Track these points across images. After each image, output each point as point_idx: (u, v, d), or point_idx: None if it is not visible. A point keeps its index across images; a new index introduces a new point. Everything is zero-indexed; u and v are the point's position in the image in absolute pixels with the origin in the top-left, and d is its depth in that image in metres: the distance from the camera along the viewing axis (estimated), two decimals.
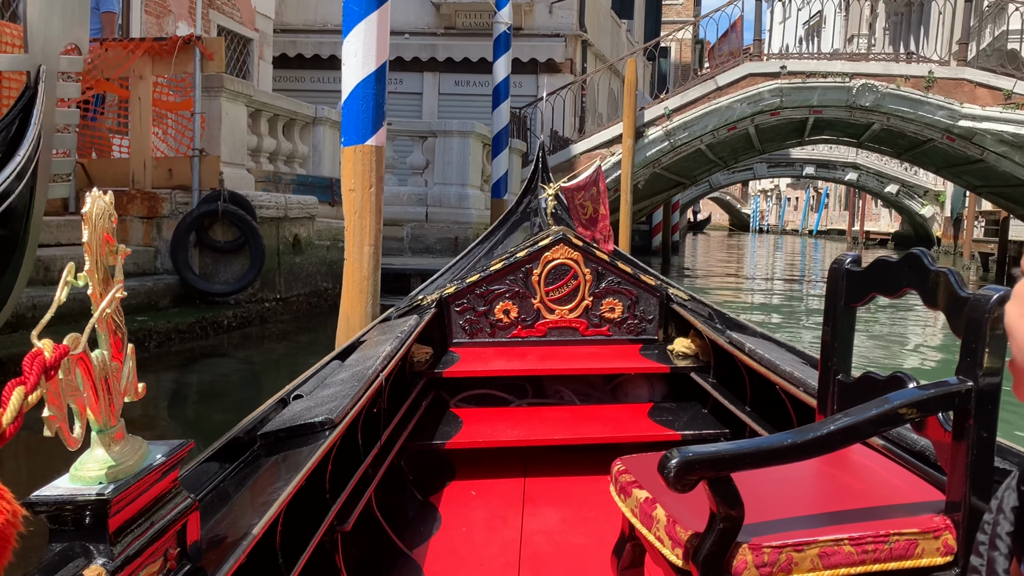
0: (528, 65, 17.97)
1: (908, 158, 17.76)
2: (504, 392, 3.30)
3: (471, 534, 2.46)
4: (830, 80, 13.81)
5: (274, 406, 2.05)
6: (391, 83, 17.62)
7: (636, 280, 3.43)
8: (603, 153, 14.66)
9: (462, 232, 11.67)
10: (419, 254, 11.68)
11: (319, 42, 18.69)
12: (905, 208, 37.23)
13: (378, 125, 3.74)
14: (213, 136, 8.37)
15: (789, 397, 2.31)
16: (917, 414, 1.41)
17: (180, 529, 1.16)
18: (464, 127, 11.74)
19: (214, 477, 1.60)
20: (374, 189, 3.74)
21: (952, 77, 13.45)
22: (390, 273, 9.80)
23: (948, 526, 1.45)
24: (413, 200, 11.85)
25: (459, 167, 11.74)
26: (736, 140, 16.35)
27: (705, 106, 14.19)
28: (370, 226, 3.74)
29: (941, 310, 1.49)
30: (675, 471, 1.27)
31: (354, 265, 3.76)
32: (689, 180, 19.53)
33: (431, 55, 18.23)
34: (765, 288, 18.26)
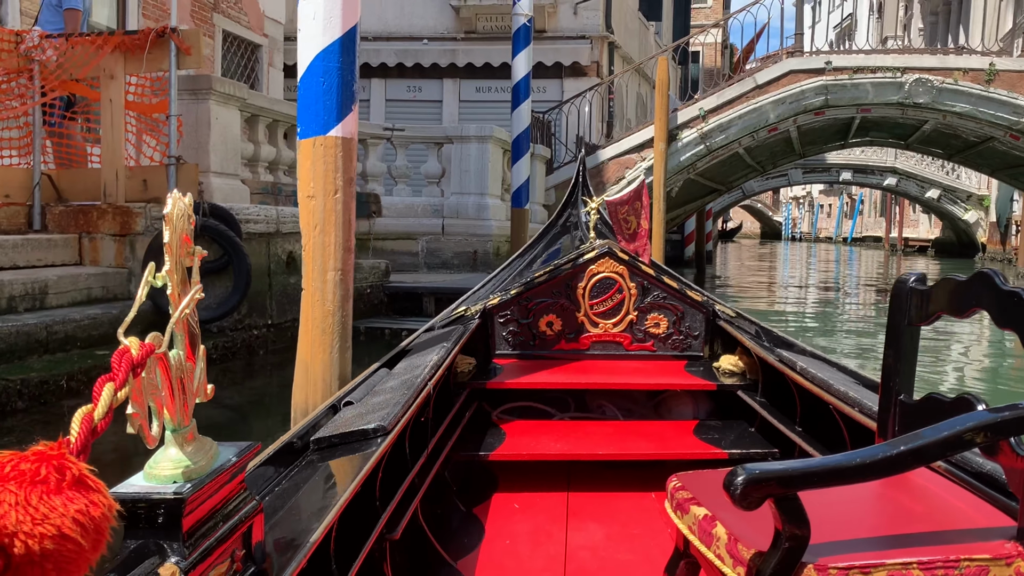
0: (552, 69, 17.16)
1: (960, 159, 16.59)
2: (546, 405, 3.24)
3: (515, 547, 2.43)
4: (879, 75, 12.73)
5: (325, 412, 2.08)
6: (409, 91, 16.84)
7: (682, 295, 3.38)
8: (633, 159, 13.69)
9: (481, 245, 10.73)
10: (435, 270, 10.75)
11: None
12: (947, 213, 35.85)
13: (345, 109, 2.81)
14: (201, 143, 7.51)
15: (843, 417, 2.26)
16: (989, 438, 1.36)
17: (247, 531, 1.15)
18: (482, 131, 10.82)
19: (271, 480, 1.61)
20: (341, 195, 2.80)
21: (1016, 69, 12.32)
22: (400, 292, 8.90)
23: (1020, 553, 1.39)
24: (428, 211, 10.93)
25: (477, 175, 10.82)
26: (776, 143, 15.29)
27: (743, 106, 13.17)
28: (336, 244, 2.80)
29: (1014, 330, 1.46)
30: (743, 488, 1.23)
31: (314, 297, 2.82)
32: (724, 186, 18.47)
33: (451, 60, 17.51)
34: (802, 299, 17.44)
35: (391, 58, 17.69)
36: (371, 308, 8.49)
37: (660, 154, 12.94)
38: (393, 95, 17.99)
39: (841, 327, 12.74)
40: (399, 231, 10.75)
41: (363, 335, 7.91)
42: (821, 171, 37.36)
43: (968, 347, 10.56)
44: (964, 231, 35.09)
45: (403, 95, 17.93)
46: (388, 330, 7.81)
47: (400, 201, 10.96)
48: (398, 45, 17.63)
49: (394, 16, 17.56)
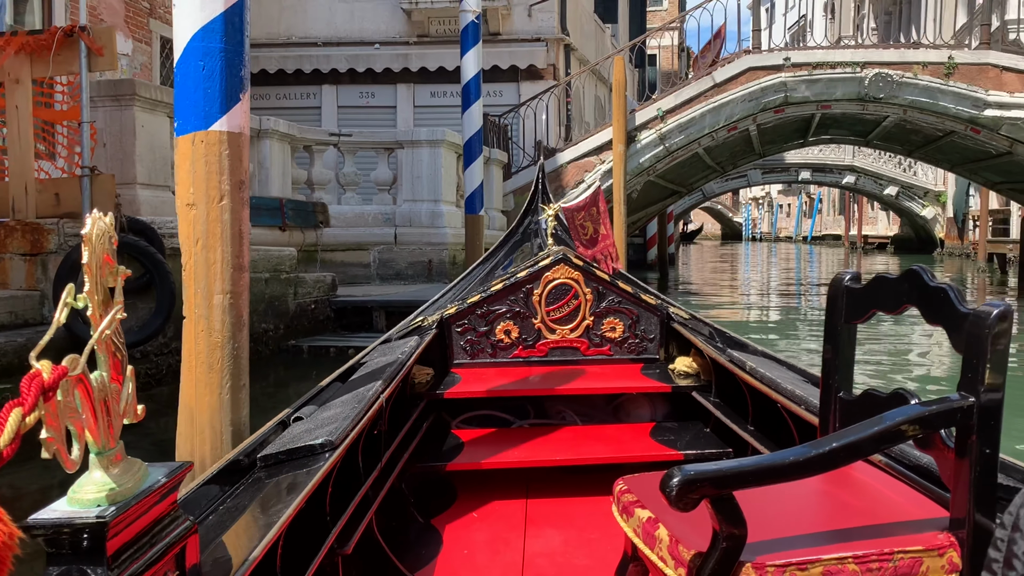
0: (508, 72, 16.79)
1: (920, 155, 16.45)
2: (505, 413, 3.25)
3: (473, 556, 2.43)
4: (839, 71, 12.49)
5: (274, 428, 2.05)
6: (362, 97, 16.30)
7: (636, 299, 3.42)
8: (592, 161, 13.31)
9: (436, 254, 10.27)
10: (388, 281, 10.26)
11: (284, 56, 17.45)
12: (905, 210, 36.14)
13: (232, 99, 2.33)
14: (127, 153, 6.97)
15: (791, 415, 2.30)
16: (920, 431, 1.40)
17: (179, 552, 1.14)
18: (434, 135, 10.36)
19: (214, 500, 1.59)
20: (228, 202, 2.32)
21: (975, 62, 12.14)
22: (348, 307, 8.38)
23: (953, 543, 1.42)
24: (380, 220, 10.44)
25: (430, 181, 10.35)
26: (736, 142, 15.02)
27: (702, 105, 12.86)
28: (223, 262, 2.32)
29: (942, 326, 1.47)
30: (677, 489, 1.25)
31: (198, 327, 2.32)
32: (685, 188, 18.19)
33: (404, 65, 17.03)
34: (765, 301, 17.45)
35: (342, 63, 17.22)
36: (316, 325, 7.98)
37: (619, 156, 12.57)
38: (345, 101, 17.52)
39: (803, 326, 12.81)
40: (349, 242, 10.25)
41: (307, 354, 7.40)
42: (780, 171, 37.45)
43: (907, 343, 10.75)
44: (922, 227, 35.35)
45: (355, 101, 17.45)
46: (334, 348, 7.30)
47: (349, 210, 10.46)
48: (349, 50, 17.16)
49: (344, 21, 17.07)
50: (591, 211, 3.94)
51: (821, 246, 50.57)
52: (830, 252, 42.06)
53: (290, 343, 7.44)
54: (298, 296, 7.73)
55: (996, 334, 1.35)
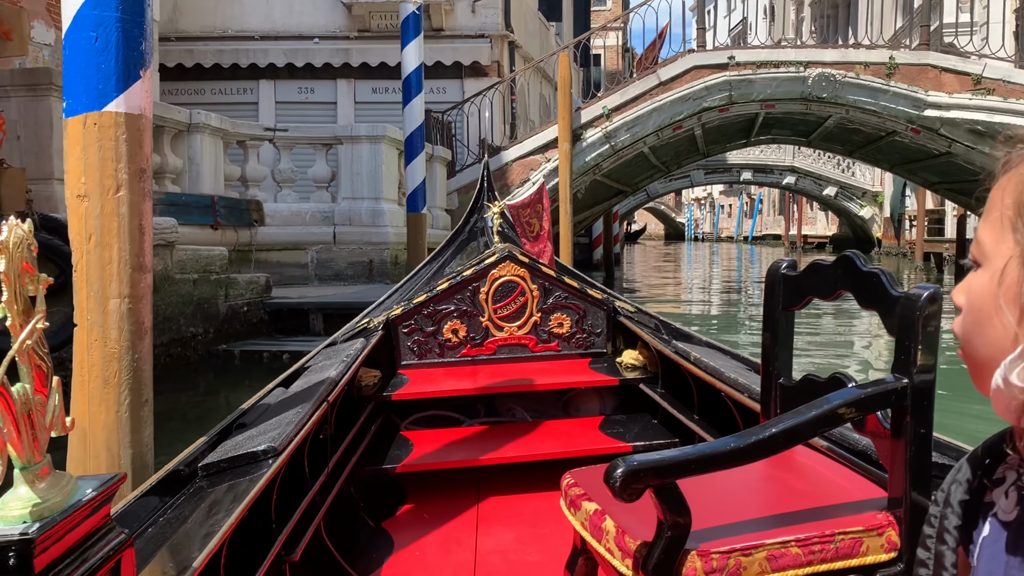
0: (452, 69, 16.52)
1: (861, 156, 16.64)
2: (455, 412, 3.24)
3: (425, 557, 2.42)
4: (783, 70, 12.50)
5: (215, 436, 2.00)
6: (301, 93, 15.83)
7: (583, 294, 3.42)
8: (538, 159, 13.11)
9: (378, 254, 9.94)
10: (327, 282, 9.90)
11: (219, 50, 16.89)
12: (844, 210, 36.79)
13: (131, 75, 2.03)
14: (43, 146, 6.52)
15: (735, 403, 2.33)
16: (856, 413, 1.41)
17: (114, 567, 1.11)
18: (374, 131, 10.03)
19: (153, 512, 1.56)
20: (126, 193, 2.01)
21: (915, 63, 12.24)
22: (283, 309, 8.01)
23: (891, 522, 1.46)
24: (318, 219, 10.07)
25: (371, 178, 10.02)
26: (680, 142, 14.98)
27: (647, 104, 12.75)
28: (120, 261, 2.02)
29: (875, 310, 1.49)
30: (621, 480, 1.26)
31: (91, 335, 2.02)
32: (630, 188, 18.12)
33: (344, 60, 16.56)
34: (708, 297, 17.83)
35: (280, 58, 16.74)
36: (249, 328, 7.60)
37: (565, 154, 12.39)
38: (283, 97, 17.04)
39: (743, 318, 12.97)
40: (285, 241, 9.86)
41: (239, 359, 7.03)
42: (723, 171, 37.83)
43: (844, 328, 10.91)
44: (860, 227, 36.03)
45: (294, 97, 16.99)
46: (268, 353, 6.95)
47: (286, 208, 10.07)
48: (287, 44, 16.68)
49: (282, 14, 16.58)
50: (536, 207, 3.91)
51: (762, 246, 51.34)
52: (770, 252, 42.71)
53: (221, 348, 7.06)
54: (229, 298, 7.35)
55: (927, 316, 1.37)
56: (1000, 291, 0.64)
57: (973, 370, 0.68)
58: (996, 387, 0.65)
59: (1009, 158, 0.68)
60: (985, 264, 0.67)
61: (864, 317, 11.38)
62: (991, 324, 0.65)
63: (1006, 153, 0.69)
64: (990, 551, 0.72)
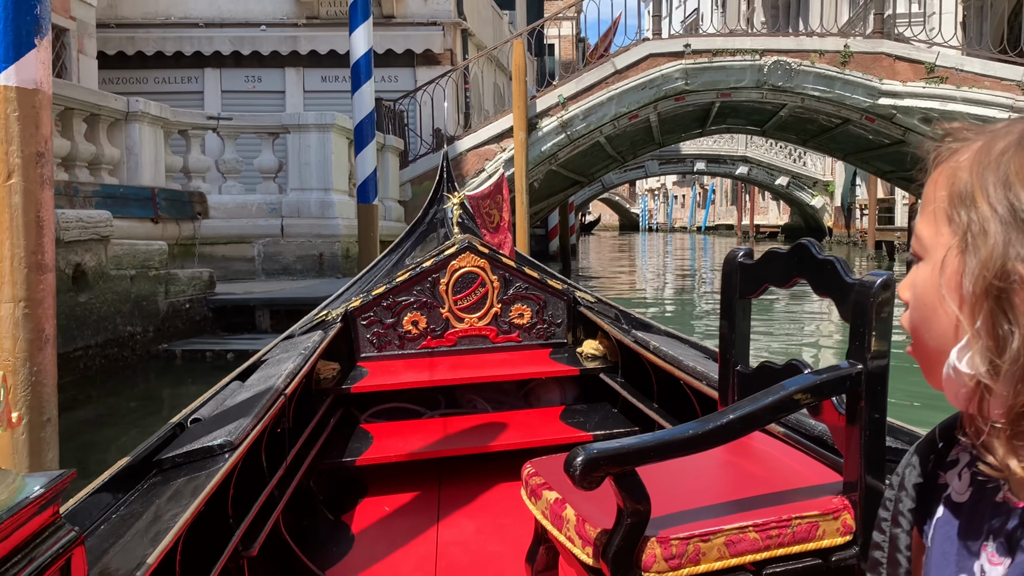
0: (403, 57, 16.19)
1: (814, 145, 16.67)
2: (416, 404, 3.23)
3: (385, 550, 2.41)
4: (739, 58, 12.39)
5: (171, 431, 1.98)
6: (248, 81, 15.36)
7: (543, 285, 3.42)
8: (493, 149, 12.85)
9: (328, 247, 9.60)
10: (275, 277, 9.53)
11: (162, 37, 16.35)
12: (795, 199, 37.13)
13: (23, 44, 1.73)
14: None
15: (693, 391, 2.35)
16: (812, 399, 1.42)
17: (64, 565, 1.09)
18: (323, 119, 9.67)
19: (106, 509, 1.53)
20: (19, 180, 1.72)
21: (870, 51, 12.22)
22: (228, 306, 7.63)
23: (846, 506, 1.47)
24: (265, 211, 9.69)
25: (319, 168, 9.66)
26: (636, 132, 14.84)
27: (603, 92, 12.56)
28: (14, 260, 1.73)
29: (830, 297, 1.50)
30: (580, 469, 1.26)
31: None
32: (586, 178, 17.95)
33: (292, 48, 16.11)
34: (664, 285, 18.00)
35: (225, 46, 16.25)
36: (192, 326, 7.23)
37: (520, 143, 12.15)
38: (230, 86, 16.56)
39: (698, 306, 13.02)
40: (231, 234, 9.47)
41: (180, 358, 6.67)
42: (676, 162, 37.95)
43: (801, 316, 11.02)
44: (812, 216, 36.40)
45: (241, 86, 16.51)
46: (211, 352, 6.60)
47: (231, 200, 9.67)
48: (233, 32, 16.20)
49: (227, 1, 16.05)
50: (496, 198, 3.88)
51: (715, 236, 51.80)
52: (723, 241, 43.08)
53: (161, 347, 6.69)
54: (170, 295, 6.97)
55: (880, 303, 1.37)
56: (942, 281, 0.66)
57: (924, 364, 0.70)
58: (947, 376, 0.66)
59: (939, 153, 0.70)
60: (926, 257, 0.69)
61: (819, 303, 11.50)
62: (936, 315, 0.67)
63: (936, 148, 0.70)
64: (943, 532, 0.73)
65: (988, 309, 0.62)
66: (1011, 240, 0.62)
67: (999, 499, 0.68)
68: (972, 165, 0.66)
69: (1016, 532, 0.66)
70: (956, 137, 0.70)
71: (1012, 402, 0.62)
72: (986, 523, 0.69)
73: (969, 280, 0.63)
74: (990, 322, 0.62)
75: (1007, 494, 0.68)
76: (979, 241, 0.63)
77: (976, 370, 0.63)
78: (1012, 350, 0.61)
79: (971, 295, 0.63)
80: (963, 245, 0.64)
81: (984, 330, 0.63)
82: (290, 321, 7.42)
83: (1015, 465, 0.63)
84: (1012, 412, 0.62)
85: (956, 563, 0.70)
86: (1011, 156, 0.64)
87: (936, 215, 0.68)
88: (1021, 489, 0.66)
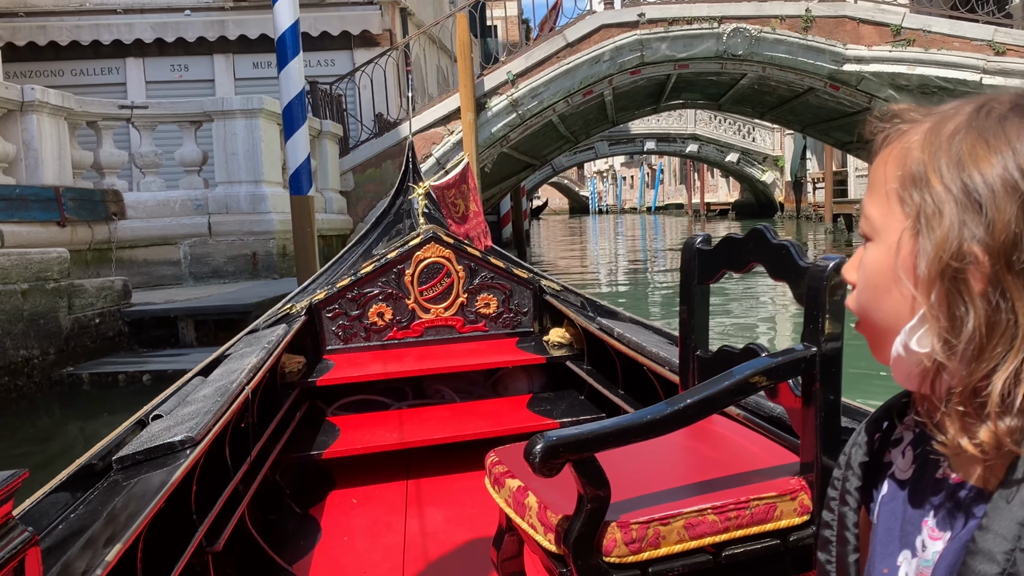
0: (340, 39, 15.30)
1: (772, 117, 16.13)
2: (383, 396, 3.22)
3: (353, 543, 2.42)
4: (696, 27, 11.71)
5: (131, 428, 1.98)
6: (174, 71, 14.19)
7: (509, 274, 3.43)
8: (440, 132, 12.01)
9: (262, 245, 8.69)
10: (205, 280, 8.59)
11: (76, 25, 15.23)
12: (746, 176, 37.01)
13: None
14: None
15: (656, 376, 2.39)
16: (768, 381, 1.43)
17: (17, 566, 1.08)
18: (249, 104, 8.73)
19: (64, 508, 1.52)
20: None
21: (832, 15, 11.62)
22: (146, 318, 6.69)
23: (804, 487, 1.49)
24: (189, 208, 8.73)
25: (248, 159, 8.73)
26: (590, 110, 14.11)
27: (555, 67, 11.79)
28: None
29: (786, 281, 1.52)
30: (540, 456, 1.27)
31: None
32: (539, 161, 17.18)
33: (220, 33, 15.13)
34: (619, 268, 17.89)
35: (147, 33, 15.20)
36: (104, 344, 6.29)
37: (469, 125, 11.34)
38: (154, 76, 15.50)
39: (652, 288, 12.83)
40: (152, 235, 8.51)
41: (88, 383, 5.72)
42: (626, 142, 37.55)
43: (758, 301, 10.85)
44: (763, 192, 36.27)
45: (166, 75, 15.47)
46: (124, 375, 5.68)
47: (151, 197, 8.69)
48: (155, 17, 15.14)
49: None
50: (461, 188, 3.84)
51: (665, 215, 51.70)
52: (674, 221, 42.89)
53: (65, 371, 5.74)
54: (75, 309, 6.01)
55: (833, 285, 1.38)
56: (897, 262, 0.66)
57: (873, 341, 0.71)
58: (896, 355, 0.67)
59: (887, 133, 0.70)
60: (876, 239, 0.69)
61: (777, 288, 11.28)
62: (889, 295, 0.68)
63: (883, 128, 0.71)
64: (888, 508, 0.75)
65: (943, 290, 0.63)
66: (965, 221, 0.62)
67: (939, 475, 0.70)
68: (923, 146, 0.66)
69: (954, 508, 0.67)
70: (904, 118, 0.70)
71: (966, 380, 0.62)
72: (927, 499, 0.70)
73: (924, 261, 0.64)
74: (945, 302, 0.63)
75: (946, 470, 0.69)
76: (933, 222, 0.63)
77: (931, 349, 0.64)
78: (967, 330, 0.62)
79: (926, 276, 0.64)
80: (917, 226, 0.65)
81: (939, 310, 0.63)
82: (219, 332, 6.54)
83: (966, 443, 0.63)
84: (965, 391, 0.63)
85: (899, 539, 0.72)
86: (962, 137, 0.64)
87: (888, 196, 0.68)
88: (963, 466, 0.68)
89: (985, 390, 0.61)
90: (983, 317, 0.61)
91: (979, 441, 0.62)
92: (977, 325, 0.61)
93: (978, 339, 0.61)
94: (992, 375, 0.61)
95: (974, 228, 0.61)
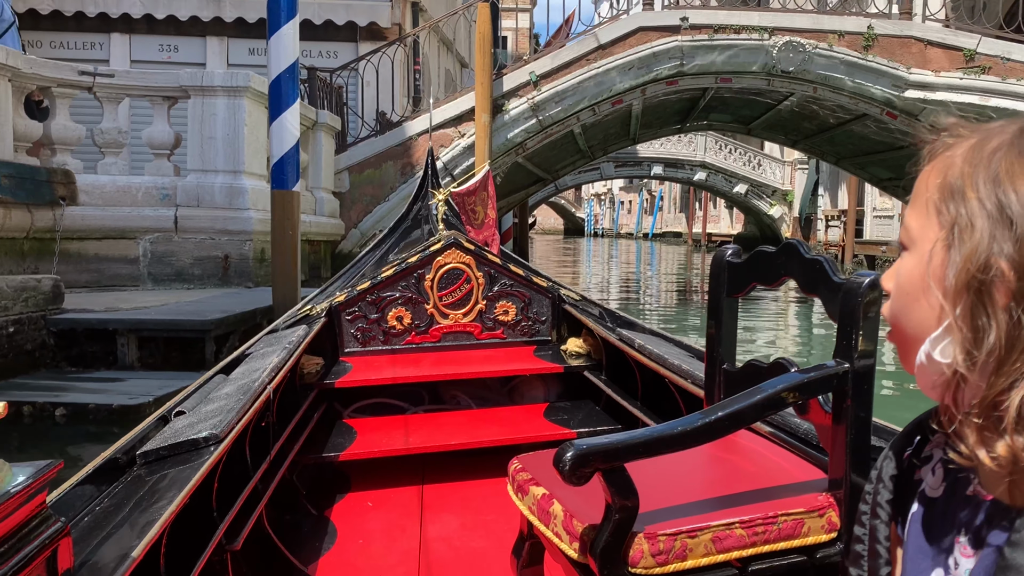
0: (345, 30, 14.24)
1: (805, 147, 14.95)
2: (399, 400, 3.23)
3: (368, 546, 2.43)
4: (744, 37, 10.50)
5: (154, 424, 1.98)
6: (162, 51, 12.53)
7: (528, 282, 3.44)
8: (449, 134, 10.73)
9: (236, 247, 7.36)
10: (165, 284, 7.25)
11: None
12: (753, 208, 35.96)
13: None
14: None
15: (678, 390, 2.38)
16: (798, 397, 1.43)
17: (50, 555, 1.08)
18: (234, 80, 7.43)
19: (90, 500, 1.52)
20: None
21: (897, 34, 10.43)
22: (79, 329, 5.35)
23: (831, 504, 1.49)
24: (154, 198, 7.40)
25: (228, 144, 7.42)
26: (613, 123, 12.89)
27: (584, 71, 10.56)
28: None
29: (818, 296, 1.51)
30: (570, 464, 1.26)
31: None
32: (551, 175, 15.92)
33: (215, 14, 13.91)
34: (623, 288, 17.43)
35: (136, 7, 14.10)
36: (19, 359, 4.93)
37: (483, 128, 10.06)
38: (140, 55, 14.37)
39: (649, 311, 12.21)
40: (108, 226, 7.18)
41: None
42: (633, 164, 36.45)
43: (786, 315, 10.42)
44: (769, 226, 35.22)
45: (154, 55, 14.37)
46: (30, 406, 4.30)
47: (110, 182, 7.34)
48: None
49: None
50: (481, 195, 3.96)
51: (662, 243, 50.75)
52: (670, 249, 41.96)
53: None
54: None
55: (868, 303, 1.37)
56: (928, 271, 0.67)
57: (902, 350, 0.72)
58: (920, 364, 0.67)
59: (934, 146, 0.71)
60: (912, 248, 0.70)
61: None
62: (919, 304, 0.68)
63: (931, 141, 0.71)
64: (919, 527, 0.74)
65: (968, 301, 0.63)
66: (996, 235, 0.62)
67: (970, 492, 0.69)
68: (965, 161, 0.67)
69: (984, 525, 0.67)
70: (952, 132, 0.70)
71: (985, 393, 0.62)
72: (958, 517, 0.70)
73: (952, 271, 0.64)
74: (969, 314, 0.63)
75: (977, 488, 0.69)
76: (965, 235, 0.64)
77: (953, 360, 0.64)
78: (989, 342, 0.62)
79: (953, 287, 0.64)
80: (950, 238, 0.65)
81: (963, 321, 0.63)
82: (171, 353, 5.13)
83: (984, 455, 0.63)
84: (984, 403, 0.63)
85: (931, 557, 0.71)
86: (1003, 155, 0.65)
87: (927, 206, 0.68)
88: (990, 482, 0.67)
89: (1003, 404, 0.61)
90: (1004, 331, 0.61)
91: (996, 455, 0.62)
92: (998, 338, 0.61)
93: (998, 352, 0.61)
94: (1011, 390, 0.61)
95: (1003, 243, 0.62)
